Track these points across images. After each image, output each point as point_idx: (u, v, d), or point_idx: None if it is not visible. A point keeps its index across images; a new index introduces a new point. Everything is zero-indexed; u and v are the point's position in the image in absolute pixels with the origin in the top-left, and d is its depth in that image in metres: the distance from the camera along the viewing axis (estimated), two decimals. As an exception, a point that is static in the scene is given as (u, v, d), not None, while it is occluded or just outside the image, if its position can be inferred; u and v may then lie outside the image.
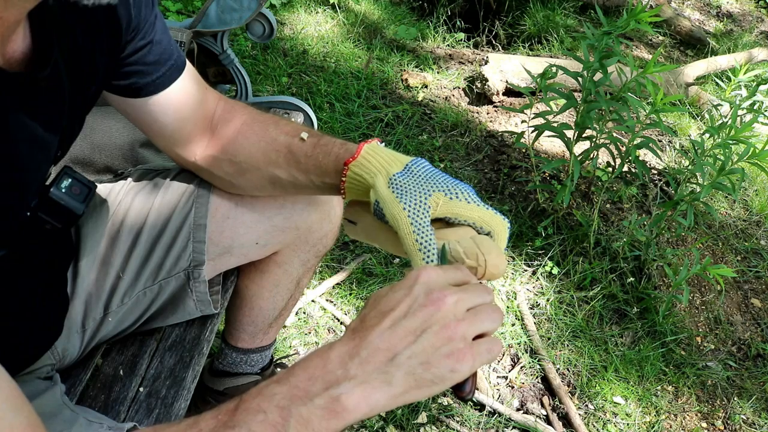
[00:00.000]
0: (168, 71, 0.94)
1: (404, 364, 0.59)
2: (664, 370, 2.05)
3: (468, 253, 0.71)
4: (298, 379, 0.59)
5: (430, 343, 0.60)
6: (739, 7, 4.92)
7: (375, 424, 1.71)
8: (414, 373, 0.59)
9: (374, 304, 0.64)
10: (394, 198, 0.78)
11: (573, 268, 2.26)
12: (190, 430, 0.58)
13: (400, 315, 0.61)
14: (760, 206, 2.81)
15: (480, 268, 0.71)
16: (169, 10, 3.05)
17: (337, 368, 0.59)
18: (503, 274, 0.72)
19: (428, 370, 0.59)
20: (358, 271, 2.13)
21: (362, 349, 0.59)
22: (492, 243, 0.73)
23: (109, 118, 1.33)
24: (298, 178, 0.96)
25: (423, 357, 0.59)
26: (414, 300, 0.62)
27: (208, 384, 1.46)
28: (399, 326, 0.60)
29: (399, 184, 0.79)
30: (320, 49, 3.22)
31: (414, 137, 2.79)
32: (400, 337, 0.60)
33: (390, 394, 0.59)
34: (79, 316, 1.05)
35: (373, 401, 0.58)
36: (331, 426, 0.57)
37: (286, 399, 0.57)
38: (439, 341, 0.60)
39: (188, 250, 1.09)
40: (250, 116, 1.01)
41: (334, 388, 0.58)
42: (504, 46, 3.84)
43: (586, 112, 2.16)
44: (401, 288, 0.63)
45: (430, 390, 0.60)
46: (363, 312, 0.64)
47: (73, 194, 0.90)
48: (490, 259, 0.70)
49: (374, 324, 0.61)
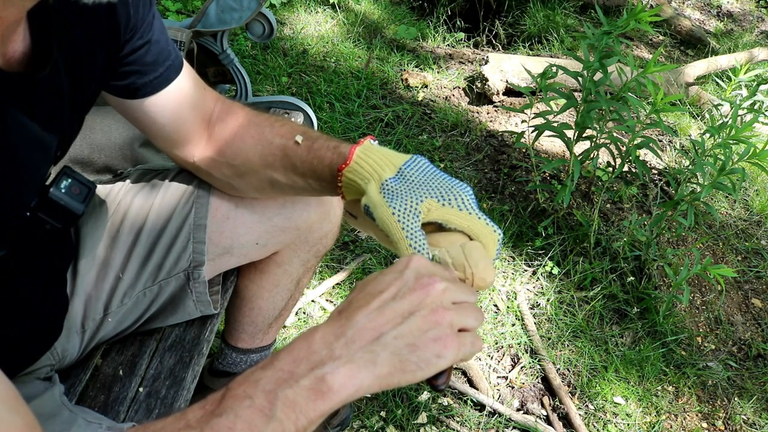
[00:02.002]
0: (166, 71, 0.93)
1: (390, 344, 0.59)
2: (665, 371, 2.05)
3: (456, 264, 0.71)
4: (283, 362, 0.59)
5: (418, 325, 0.60)
6: (740, 6, 4.92)
7: (375, 424, 1.71)
8: (399, 354, 0.59)
9: (362, 287, 0.64)
10: (384, 203, 0.77)
11: (573, 268, 2.26)
12: (177, 422, 0.58)
13: (388, 297, 0.61)
14: (760, 206, 2.81)
15: (467, 281, 0.71)
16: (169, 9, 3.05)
17: (322, 348, 0.59)
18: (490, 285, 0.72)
19: (414, 352, 0.59)
20: (358, 271, 2.13)
21: (348, 329, 0.60)
22: (481, 253, 0.72)
23: (109, 118, 1.33)
24: (297, 181, 0.95)
25: (410, 338, 0.60)
26: (404, 284, 0.62)
27: (208, 384, 1.45)
28: (387, 307, 0.61)
29: (390, 190, 0.78)
30: (320, 49, 3.22)
31: (414, 137, 2.78)
32: (388, 318, 0.60)
33: (375, 374, 0.58)
34: (78, 317, 1.04)
35: (359, 381, 0.58)
36: (318, 407, 0.57)
37: (271, 383, 0.57)
38: (427, 325, 0.60)
39: (188, 251, 1.09)
40: (246, 118, 1.00)
41: (319, 368, 0.58)
42: (504, 45, 3.84)
43: (586, 112, 2.16)
44: (391, 272, 0.64)
45: (413, 375, 0.59)
46: (350, 296, 0.64)
47: (73, 194, 0.89)
48: (477, 271, 0.70)
49: (361, 305, 0.61)
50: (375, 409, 1.75)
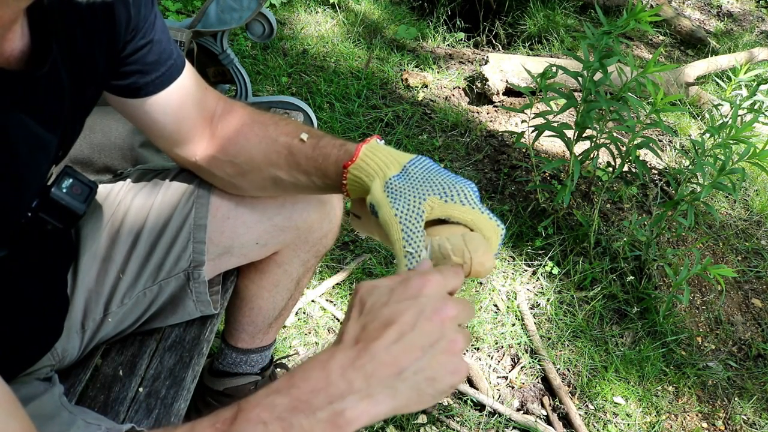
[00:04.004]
0: (168, 71, 0.93)
1: (410, 379, 0.58)
2: (665, 371, 2.05)
3: (455, 250, 0.72)
4: (300, 391, 0.58)
5: (438, 360, 0.59)
6: (740, 6, 4.92)
7: (375, 424, 1.71)
8: (418, 387, 0.59)
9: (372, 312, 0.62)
10: (387, 203, 0.77)
11: (573, 268, 2.26)
12: None
13: (406, 329, 0.59)
14: (760, 206, 2.81)
15: (466, 266, 0.71)
16: (169, 9, 3.05)
17: (341, 381, 0.57)
18: (490, 272, 0.73)
19: (432, 385, 0.59)
20: (358, 271, 2.13)
21: (367, 362, 0.58)
22: (481, 241, 0.73)
23: (109, 118, 1.33)
24: (300, 179, 0.95)
25: (429, 373, 0.59)
26: (420, 312, 0.60)
27: (208, 384, 1.45)
28: (405, 340, 0.59)
29: (394, 188, 0.79)
30: (320, 49, 3.22)
31: (414, 137, 2.78)
32: (407, 352, 0.59)
33: (392, 407, 0.58)
34: (78, 317, 1.04)
35: (375, 413, 0.57)
36: None
37: (287, 411, 0.56)
38: (445, 358, 0.60)
39: (188, 251, 1.09)
40: (250, 116, 1.01)
41: (338, 402, 0.57)
42: (504, 45, 3.84)
43: (586, 112, 2.16)
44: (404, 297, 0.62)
45: (428, 403, 0.60)
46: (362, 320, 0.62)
47: (74, 194, 0.89)
48: (476, 257, 0.71)
49: (378, 336, 0.59)
50: (375, 409, 1.75)
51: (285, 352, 1.85)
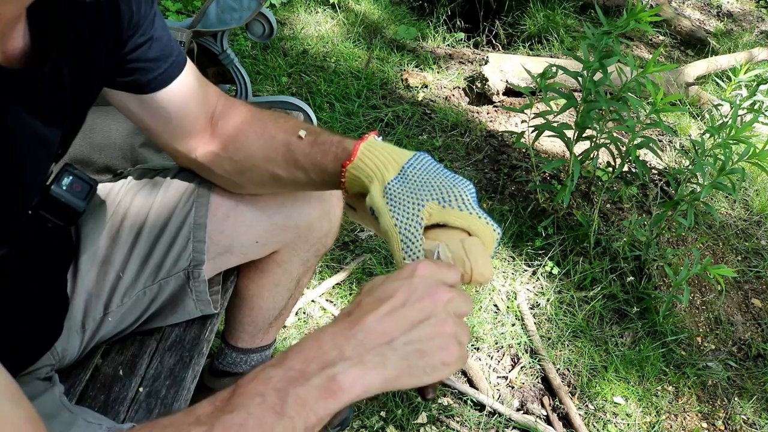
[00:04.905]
0: (169, 68, 0.93)
1: (400, 349, 0.60)
2: (665, 370, 2.05)
3: (455, 259, 0.73)
4: (294, 361, 0.60)
5: (427, 333, 0.61)
6: (740, 6, 4.92)
7: (375, 424, 1.71)
8: (408, 359, 0.61)
9: (370, 292, 0.65)
10: (387, 211, 0.79)
11: (573, 268, 2.26)
12: (187, 417, 0.58)
13: (398, 303, 0.62)
14: (760, 206, 2.81)
15: (466, 275, 0.73)
16: (169, 9, 3.05)
17: (333, 349, 0.60)
18: (489, 281, 0.74)
19: (422, 358, 0.61)
20: (358, 271, 2.13)
21: (358, 331, 0.61)
22: (480, 249, 0.75)
23: (109, 118, 1.32)
24: (298, 175, 0.95)
25: (419, 345, 0.61)
26: (413, 291, 0.63)
27: (208, 384, 1.45)
28: (397, 313, 0.62)
29: (393, 195, 0.80)
30: (320, 49, 3.22)
31: (414, 137, 2.78)
32: (398, 324, 0.61)
33: (384, 377, 0.60)
34: (78, 316, 1.04)
35: (368, 382, 0.59)
36: (328, 406, 0.58)
37: (282, 381, 0.58)
38: (435, 334, 0.62)
39: (188, 250, 1.09)
40: (249, 114, 1.01)
41: (330, 367, 0.59)
42: (504, 45, 3.84)
43: (586, 112, 2.16)
44: (399, 278, 0.65)
45: (419, 379, 0.61)
46: (358, 298, 0.65)
47: (75, 191, 0.89)
48: (476, 267, 0.73)
49: (371, 309, 0.62)
50: (375, 409, 1.75)
51: (285, 352, 1.84)
